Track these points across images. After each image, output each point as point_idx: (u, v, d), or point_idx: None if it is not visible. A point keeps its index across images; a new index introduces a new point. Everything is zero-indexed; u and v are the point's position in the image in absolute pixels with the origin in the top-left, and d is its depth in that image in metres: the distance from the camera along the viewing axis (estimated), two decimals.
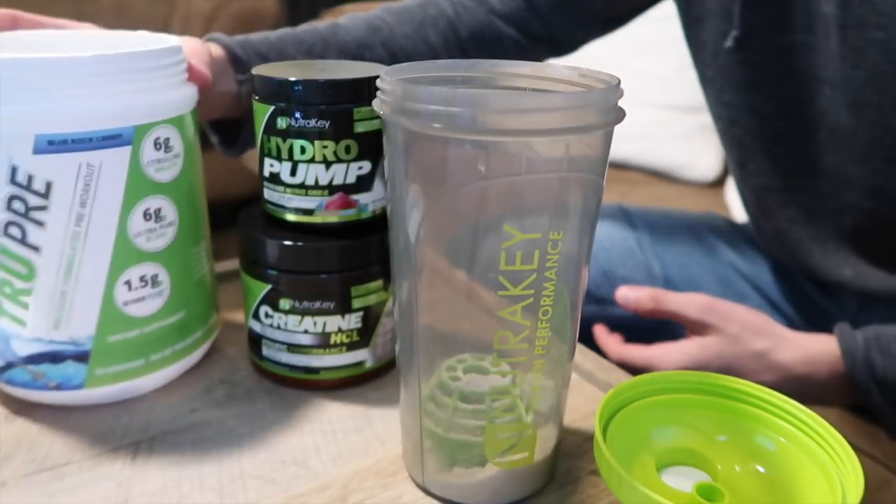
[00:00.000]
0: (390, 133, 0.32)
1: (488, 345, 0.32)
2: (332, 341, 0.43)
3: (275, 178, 0.43)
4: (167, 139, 0.40)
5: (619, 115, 0.31)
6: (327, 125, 0.41)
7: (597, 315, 0.73)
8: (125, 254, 0.40)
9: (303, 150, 0.41)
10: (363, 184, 0.43)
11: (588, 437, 0.41)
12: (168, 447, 0.40)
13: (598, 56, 1.18)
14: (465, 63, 0.36)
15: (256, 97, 0.42)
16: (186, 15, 2.46)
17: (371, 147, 0.42)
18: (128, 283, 0.40)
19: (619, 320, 0.70)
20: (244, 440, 0.40)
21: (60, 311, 0.39)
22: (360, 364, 0.45)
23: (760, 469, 0.34)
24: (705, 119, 1.58)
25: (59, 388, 0.41)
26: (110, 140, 0.38)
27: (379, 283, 0.44)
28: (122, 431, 0.41)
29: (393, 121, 0.31)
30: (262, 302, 0.43)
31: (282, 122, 0.41)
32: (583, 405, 0.44)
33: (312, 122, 0.41)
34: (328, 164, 0.42)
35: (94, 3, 2.34)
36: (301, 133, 0.41)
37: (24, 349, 0.40)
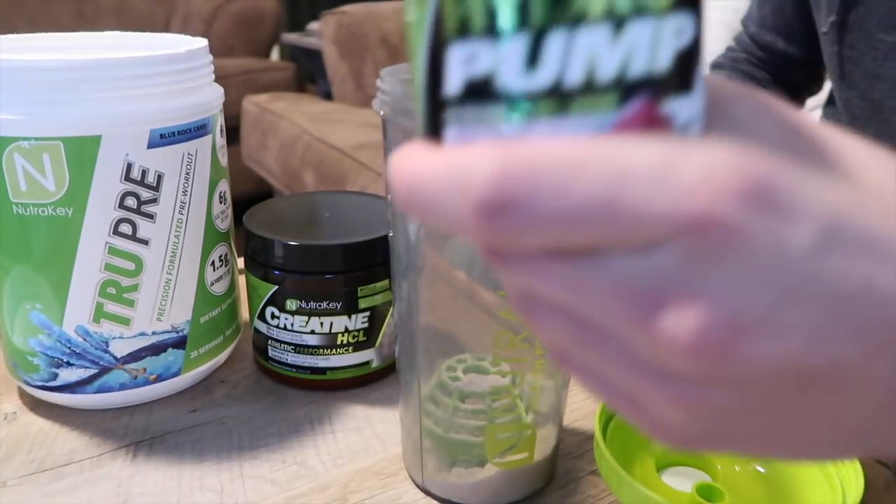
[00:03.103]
0: (390, 133, 0.32)
1: (488, 345, 0.32)
2: (338, 342, 0.43)
3: None
4: (222, 126, 0.44)
5: None
6: None
7: None
8: (210, 236, 0.43)
9: None
10: None
11: (588, 437, 0.41)
12: (168, 447, 0.40)
13: None
14: None
15: None
16: (186, 15, 2.47)
17: None
18: (213, 263, 0.43)
19: None
20: (244, 440, 0.40)
21: (164, 300, 0.41)
22: (365, 364, 0.45)
23: (760, 469, 0.34)
24: None
25: (159, 379, 0.42)
26: (201, 129, 0.41)
27: (385, 283, 0.44)
28: (122, 431, 0.41)
29: (393, 121, 0.31)
30: (269, 303, 0.43)
31: None
32: (583, 405, 0.44)
33: None
34: None
35: (94, 3, 2.34)
36: None
37: (125, 348, 0.40)
